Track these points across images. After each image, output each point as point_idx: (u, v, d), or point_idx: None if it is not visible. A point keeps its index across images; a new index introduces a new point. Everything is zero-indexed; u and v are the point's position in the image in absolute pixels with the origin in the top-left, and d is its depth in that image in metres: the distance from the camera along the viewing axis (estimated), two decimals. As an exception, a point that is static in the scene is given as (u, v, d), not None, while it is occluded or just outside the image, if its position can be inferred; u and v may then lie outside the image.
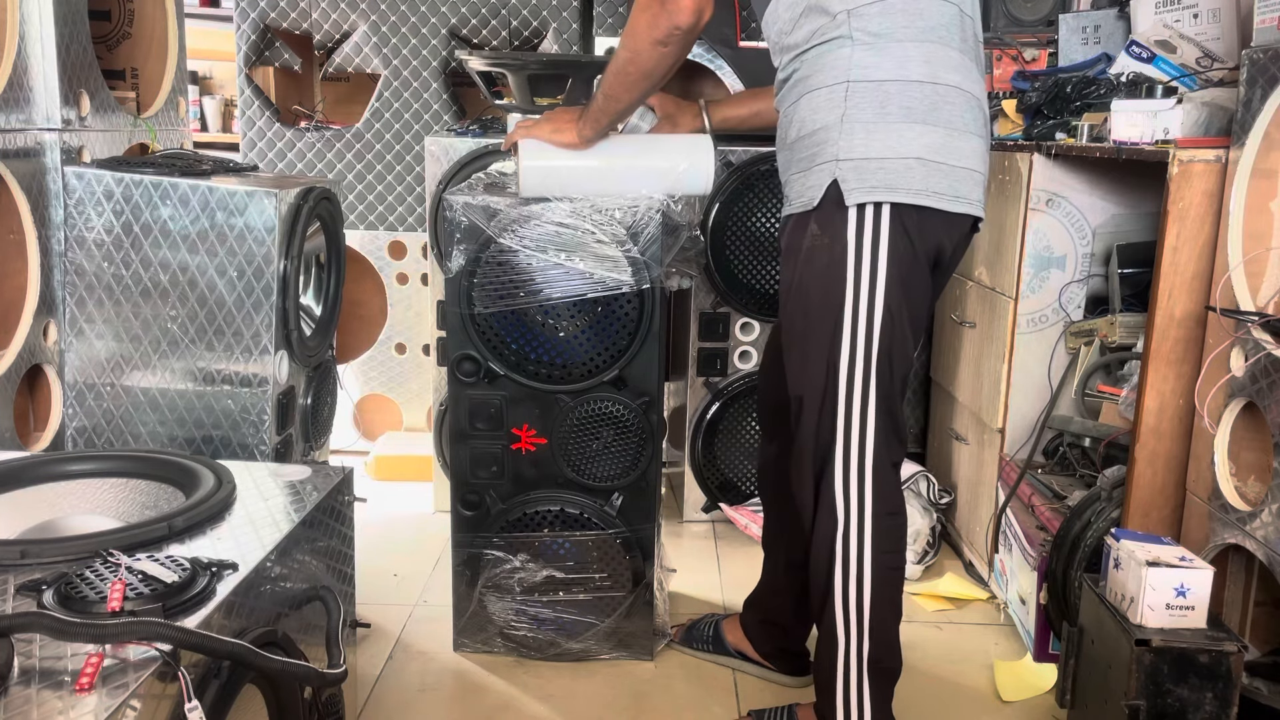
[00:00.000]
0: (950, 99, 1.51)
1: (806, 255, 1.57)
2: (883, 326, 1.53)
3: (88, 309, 2.04)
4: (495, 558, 2.01)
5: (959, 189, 1.53)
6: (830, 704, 1.67)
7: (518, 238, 1.86)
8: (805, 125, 1.55)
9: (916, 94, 1.49)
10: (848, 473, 1.59)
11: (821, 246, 1.54)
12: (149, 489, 1.62)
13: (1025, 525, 2.13)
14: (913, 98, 1.49)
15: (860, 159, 1.49)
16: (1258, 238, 1.64)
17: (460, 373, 1.95)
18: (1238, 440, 1.68)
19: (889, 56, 1.49)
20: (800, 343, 1.62)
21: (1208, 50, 2.08)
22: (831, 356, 1.56)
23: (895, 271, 1.52)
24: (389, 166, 3.14)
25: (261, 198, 1.98)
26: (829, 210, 1.52)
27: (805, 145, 1.55)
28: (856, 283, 1.52)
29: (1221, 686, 1.55)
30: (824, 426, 1.59)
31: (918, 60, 1.49)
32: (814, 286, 1.57)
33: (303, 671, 1.30)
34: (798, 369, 1.63)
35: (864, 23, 1.49)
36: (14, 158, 1.91)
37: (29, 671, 1.06)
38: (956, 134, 1.51)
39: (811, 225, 1.55)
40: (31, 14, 1.94)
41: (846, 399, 1.57)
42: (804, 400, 1.62)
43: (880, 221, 1.50)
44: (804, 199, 1.56)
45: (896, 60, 1.49)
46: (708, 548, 2.67)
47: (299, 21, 3.08)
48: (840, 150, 1.50)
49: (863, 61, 1.49)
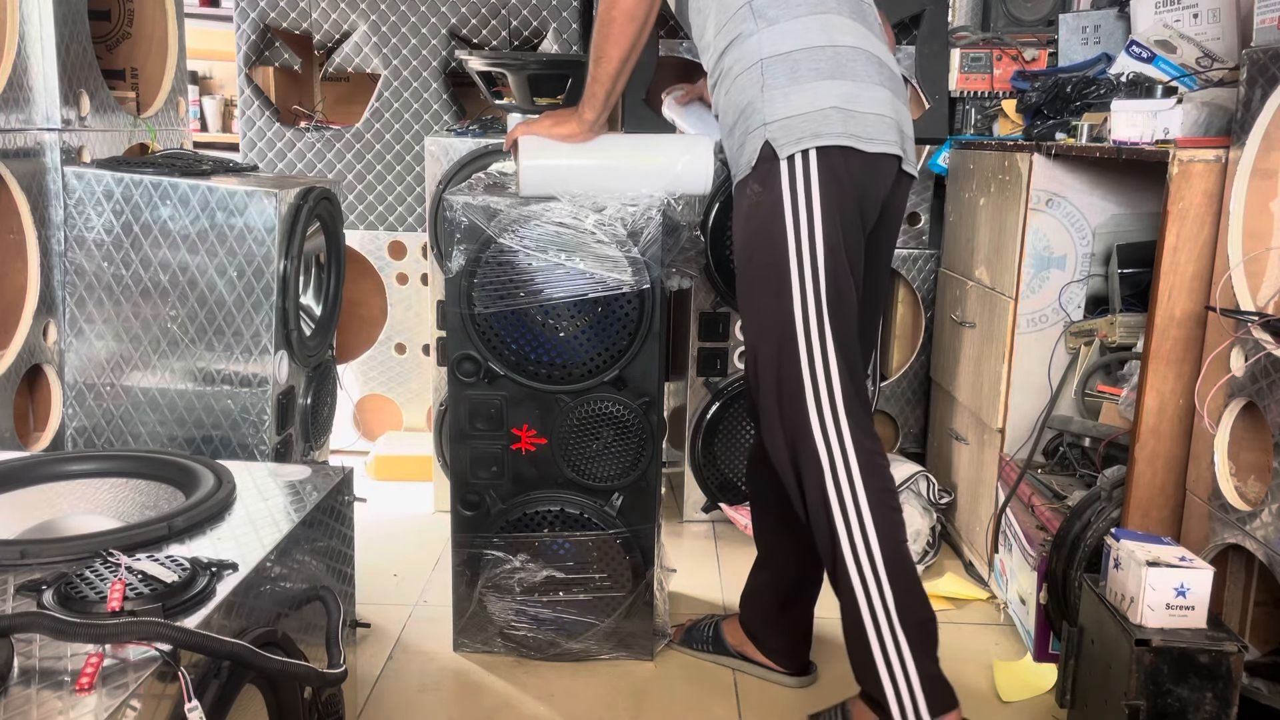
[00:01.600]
0: (851, 57, 1.65)
1: (749, 214, 1.68)
2: (825, 262, 1.63)
3: (88, 309, 2.04)
4: (495, 558, 2.01)
5: (873, 131, 1.64)
6: (874, 676, 1.61)
7: (518, 238, 1.86)
8: (734, 106, 1.69)
9: (821, 56, 1.64)
10: (821, 416, 1.62)
11: (762, 203, 1.66)
12: (149, 489, 1.62)
13: (1025, 525, 2.13)
14: (818, 59, 1.64)
15: (784, 118, 1.63)
16: (1258, 238, 1.64)
17: (460, 373, 1.95)
18: (1238, 440, 1.68)
19: (791, 33, 1.65)
20: (752, 294, 1.70)
21: (1208, 50, 2.08)
22: (783, 301, 1.64)
23: (829, 210, 1.63)
24: (389, 166, 3.14)
25: (261, 198, 1.98)
26: (763, 168, 1.65)
27: (738, 123, 1.68)
28: (795, 226, 1.63)
29: (1221, 686, 1.55)
30: (787, 371, 1.64)
31: (815, 29, 1.65)
32: (759, 239, 1.66)
33: (303, 671, 1.31)
34: (753, 321, 1.71)
35: (763, 10, 1.66)
36: (14, 158, 1.91)
37: (29, 671, 1.06)
38: (863, 85, 1.65)
39: (750, 186, 1.67)
40: (31, 14, 1.94)
41: (805, 338, 1.63)
42: (759, 350, 1.68)
43: (809, 167, 1.62)
44: (741, 166, 1.69)
45: (797, 34, 1.65)
46: (708, 548, 2.67)
47: (299, 21, 3.08)
48: (766, 115, 1.64)
49: (770, 41, 1.65)
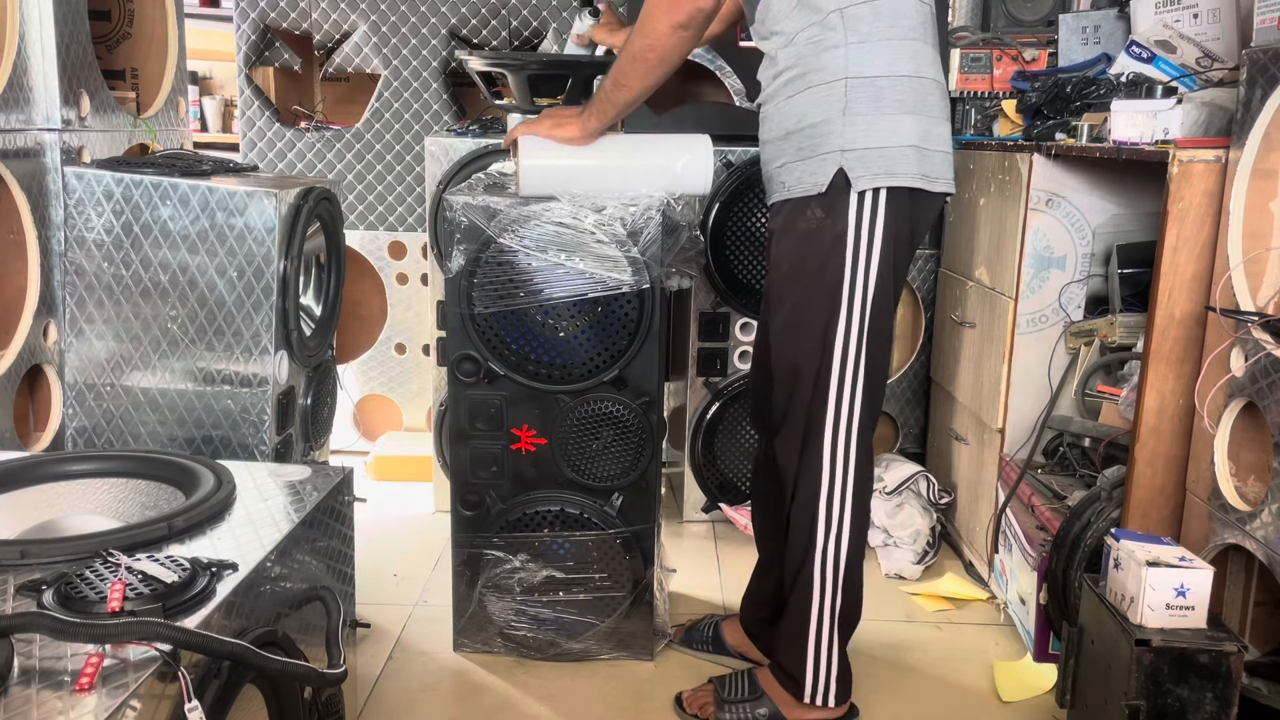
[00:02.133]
0: (930, 91, 1.66)
1: (806, 235, 1.69)
2: (875, 299, 1.68)
3: (88, 309, 2.04)
4: (495, 558, 2.01)
5: (939, 170, 1.68)
6: (799, 656, 1.80)
7: (518, 238, 1.86)
8: (805, 118, 1.66)
9: (905, 87, 1.63)
10: (835, 437, 1.73)
11: (824, 227, 1.66)
12: (149, 489, 1.62)
13: (1025, 525, 2.13)
14: (902, 90, 1.63)
15: (864, 149, 1.62)
16: (1258, 238, 1.64)
17: (460, 373, 1.95)
18: (1238, 440, 1.68)
19: (880, 55, 1.62)
20: (795, 314, 1.73)
21: (1208, 50, 2.08)
22: (828, 327, 1.69)
23: (888, 250, 1.66)
24: (389, 166, 3.14)
25: (261, 198, 1.98)
26: (833, 195, 1.65)
27: (805, 136, 1.66)
28: (854, 260, 1.66)
29: (1221, 686, 1.55)
30: (817, 393, 1.72)
31: (904, 57, 1.64)
32: (813, 262, 1.68)
33: (303, 671, 1.30)
34: (789, 338, 1.74)
35: (855, 24, 1.62)
36: (14, 158, 1.91)
37: (29, 671, 1.06)
38: (936, 122, 1.67)
39: (814, 208, 1.67)
40: (31, 14, 1.94)
41: (840, 367, 1.70)
42: (798, 368, 1.73)
43: (879, 205, 1.64)
44: (806, 185, 1.67)
45: (887, 58, 1.62)
46: (708, 548, 2.67)
47: (299, 21, 3.08)
48: (845, 141, 1.63)
49: (858, 59, 1.62)
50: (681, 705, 1.91)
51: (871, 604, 2.36)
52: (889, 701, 1.98)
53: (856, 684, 1.88)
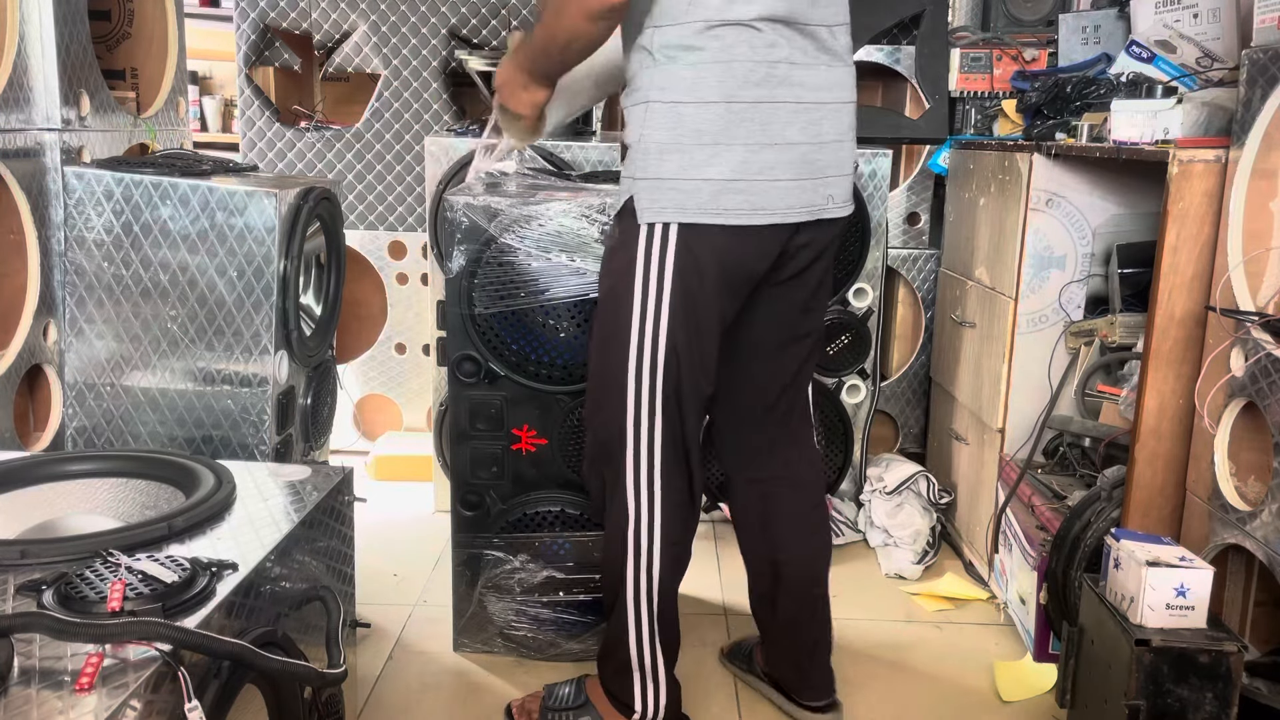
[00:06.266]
0: (748, 115, 1.50)
1: (609, 251, 1.65)
2: (669, 335, 1.58)
3: (88, 309, 2.04)
4: (495, 558, 2.01)
5: (758, 202, 1.53)
6: (628, 684, 1.74)
7: (518, 238, 1.86)
8: (624, 136, 1.59)
9: (712, 115, 1.49)
10: (638, 467, 1.64)
11: (618, 252, 1.61)
12: (149, 489, 1.62)
13: (1025, 525, 2.13)
14: (709, 119, 1.49)
15: (654, 179, 1.52)
16: (1258, 238, 1.64)
17: (460, 373, 1.95)
18: (1238, 440, 1.68)
19: (682, 77, 1.49)
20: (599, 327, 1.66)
21: (1208, 50, 2.08)
22: (621, 358, 1.61)
23: (686, 286, 1.55)
24: (389, 166, 3.14)
25: (261, 198, 1.98)
26: (628, 222, 1.58)
27: (628, 155, 1.58)
28: (643, 300, 1.57)
29: (1221, 686, 1.55)
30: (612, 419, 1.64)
31: (713, 80, 1.48)
32: (612, 284, 1.62)
33: (303, 671, 1.30)
34: (594, 354, 1.68)
35: (665, 43, 1.49)
36: (14, 158, 1.91)
37: (29, 671, 1.06)
38: (757, 149, 1.51)
39: (615, 228, 1.63)
40: (31, 14, 1.94)
41: (635, 400, 1.61)
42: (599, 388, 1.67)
43: (668, 240, 1.54)
44: (610, 204, 1.66)
45: (689, 81, 1.49)
46: (708, 548, 2.66)
47: (299, 21, 3.08)
48: (637, 169, 1.54)
49: (660, 81, 1.50)
50: (510, 715, 1.88)
51: (871, 604, 2.38)
52: (889, 702, 1.98)
53: (857, 684, 1.87)
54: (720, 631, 2.23)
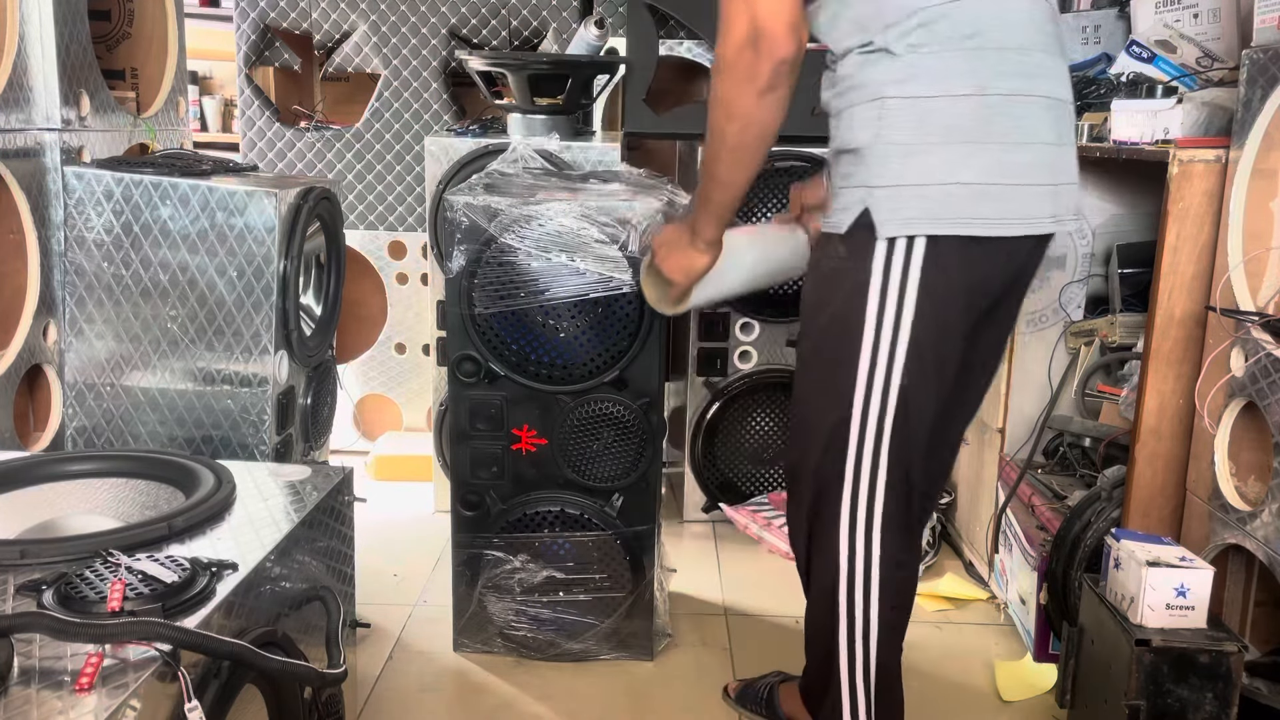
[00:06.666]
0: (1003, 109, 1.34)
1: (827, 276, 1.46)
2: (901, 378, 1.40)
3: (88, 309, 2.04)
4: (495, 558, 2.01)
5: (1013, 210, 1.36)
6: None
7: (518, 238, 1.86)
8: (843, 142, 1.41)
9: (962, 110, 1.33)
10: (854, 517, 1.46)
11: (845, 273, 1.41)
12: (149, 489, 1.62)
13: (1025, 525, 2.13)
14: (957, 114, 1.33)
15: (894, 185, 1.35)
16: (1258, 238, 1.64)
17: (460, 373, 1.95)
18: (1238, 440, 1.68)
19: (928, 70, 1.33)
20: (813, 360, 1.51)
21: (1208, 50, 2.08)
22: (843, 396, 1.43)
23: (928, 308, 1.38)
24: (389, 166, 3.14)
25: (261, 198, 1.98)
26: (859, 237, 1.39)
27: (843, 162, 1.41)
28: (879, 325, 1.39)
29: (1221, 686, 1.55)
30: (829, 460, 1.46)
31: (960, 71, 1.33)
32: (832, 309, 1.44)
33: (303, 671, 1.31)
34: (806, 392, 1.52)
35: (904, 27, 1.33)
36: (14, 158, 1.91)
37: (29, 671, 1.06)
38: (1013, 148, 1.35)
39: (837, 245, 1.43)
40: (31, 14, 1.94)
41: (859, 441, 1.43)
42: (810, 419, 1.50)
43: (912, 256, 1.36)
44: (834, 219, 1.42)
45: (935, 73, 1.33)
46: (708, 548, 2.66)
47: (299, 21, 3.08)
48: (873, 175, 1.36)
49: (898, 76, 1.34)
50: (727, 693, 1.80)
51: (871, 604, 2.37)
52: (889, 701, 1.98)
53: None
54: (720, 631, 2.23)
